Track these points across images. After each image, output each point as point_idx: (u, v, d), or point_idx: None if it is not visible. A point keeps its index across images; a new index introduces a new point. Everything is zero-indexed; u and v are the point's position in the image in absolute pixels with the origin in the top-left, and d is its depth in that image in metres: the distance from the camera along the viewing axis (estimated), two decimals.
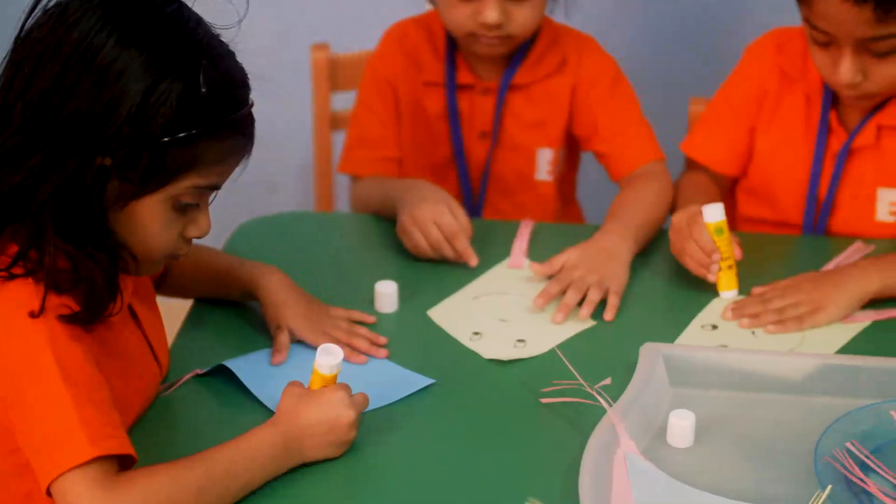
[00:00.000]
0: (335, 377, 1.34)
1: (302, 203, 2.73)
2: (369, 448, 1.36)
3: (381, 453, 1.36)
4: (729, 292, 1.63)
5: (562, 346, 1.54)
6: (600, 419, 1.35)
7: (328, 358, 1.33)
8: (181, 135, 1.21)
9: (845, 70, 1.65)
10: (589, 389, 1.39)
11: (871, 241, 1.78)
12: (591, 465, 1.27)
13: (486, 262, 1.74)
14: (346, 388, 1.35)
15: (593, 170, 2.05)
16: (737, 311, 1.59)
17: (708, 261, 1.60)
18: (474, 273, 1.72)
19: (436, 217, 1.70)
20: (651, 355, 1.45)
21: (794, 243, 1.86)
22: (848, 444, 1.31)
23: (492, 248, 1.77)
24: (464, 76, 1.94)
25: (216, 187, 1.31)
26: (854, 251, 1.76)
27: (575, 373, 1.42)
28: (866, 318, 1.59)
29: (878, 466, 1.28)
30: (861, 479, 1.25)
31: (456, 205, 1.74)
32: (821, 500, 1.22)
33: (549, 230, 1.85)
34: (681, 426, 1.34)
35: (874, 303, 1.60)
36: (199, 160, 1.25)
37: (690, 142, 1.91)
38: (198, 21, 1.27)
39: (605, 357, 1.51)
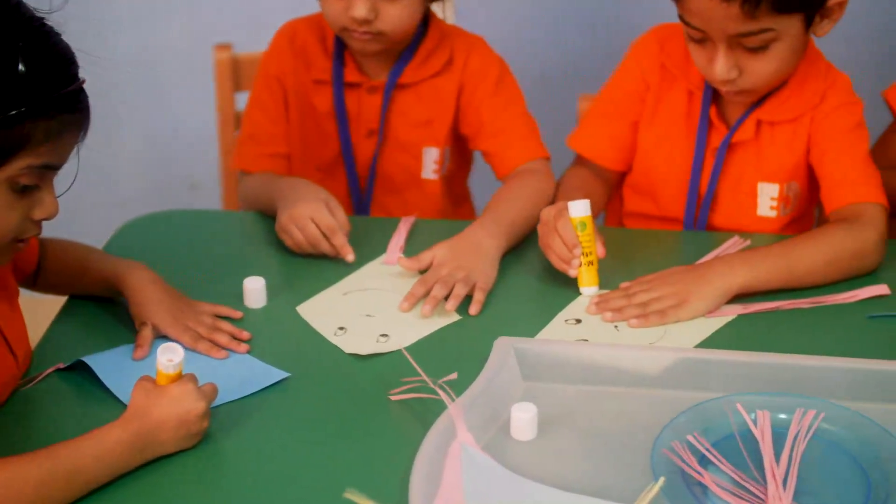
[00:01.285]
0: (179, 374, 1.32)
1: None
2: (222, 440, 1.34)
3: (232, 445, 1.34)
4: (589, 289, 1.61)
5: (425, 340, 1.53)
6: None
7: (169, 356, 1.31)
8: (4, 115, 1.20)
9: (720, 66, 1.63)
10: (432, 385, 1.37)
11: (751, 235, 1.76)
12: (425, 457, 1.24)
13: (366, 259, 1.72)
14: (194, 379, 1.33)
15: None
16: (601, 305, 1.57)
17: (570, 255, 1.58)
18: (350, 269, 1.70)
19: (313, 214, 1.69)
20: (503, 350, 1.43)
21: (676, 238, 1.83)
22: (689, 437, 1.29)
23: (373, 245, 1.75)
24: (351, 74, 1.92)
25: (54, 166, 1.29)
26: (731, 245, 1.73)
27: (418, 368, 1.40)
28: (732, 313, 1.56)
29: (718, 459, 1.26)
30: (697, 472, 1.24)
31: (335, 203, 1.73)
32: (653, 492, 1.20)
33: (433, 227, 1.82)
34: (522, 419, 1.32)
35: (741, 297, 1.58)
36: (30, 140, 1.23)
37: (576, 136, 1.89)
38: (17, 2, 1.25)
39: (466, 351, 1.48)
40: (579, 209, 1.59)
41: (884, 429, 1.28)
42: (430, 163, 1.96)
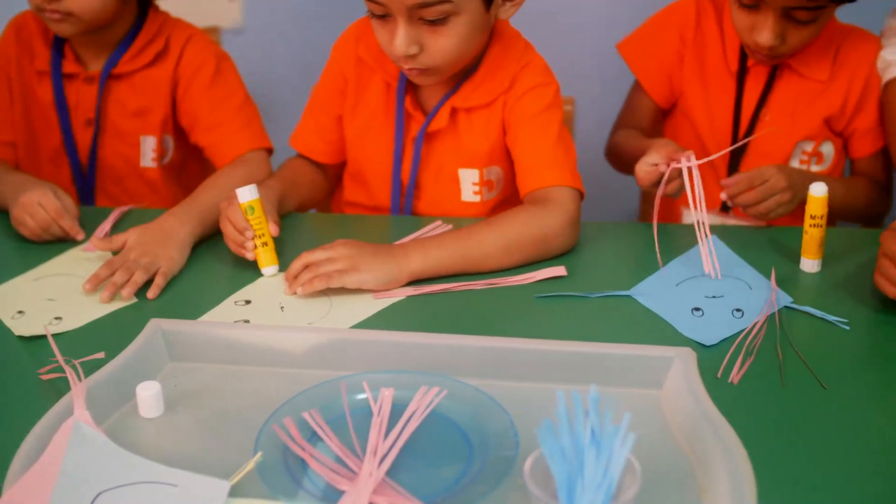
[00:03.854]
0: None
1: None
2: None
3: None
4: (269, 268, 1.61)
5: (99, 321, 1.52)
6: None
7: None
8: None
9: (399, 40, 1.60)
10: (63, 364, 1.34)
11: (458, 219, 1.76)
12: (35, 434, 1.19)
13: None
14: None
15: None
16: (288, 276, 1.56)
17: (243, 239, 1.58)
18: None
19: (41, 199, 1.71)
20: (151, 331, 1.40)
21: (385, 222, 1.82)
22: (304, 414, 1.28)
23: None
24: (69, 65, 1.90)
25: None
26: (431, 229, 1.74)
27: (55, 348, 1.37)
28: (401, 294, 1.55)
29: (328, 435, 1.26)
30: (301, 447, 1.23)
31: (60, 191, 1.74)
32: (248, 468, 1.19)
33: (148, 216, 1.80)
34: (145, 397, 1.29)
35: (421, 281, 1.58)
36: None
37: (294, 135, 1.89)
38: None
39: (136, 333, 1.47)
40: (245, 195, 1.59)
41: (500, 405, 1.27)
42: (149, 151, 1.95)
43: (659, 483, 1.19)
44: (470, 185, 1.78)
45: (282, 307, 1.52)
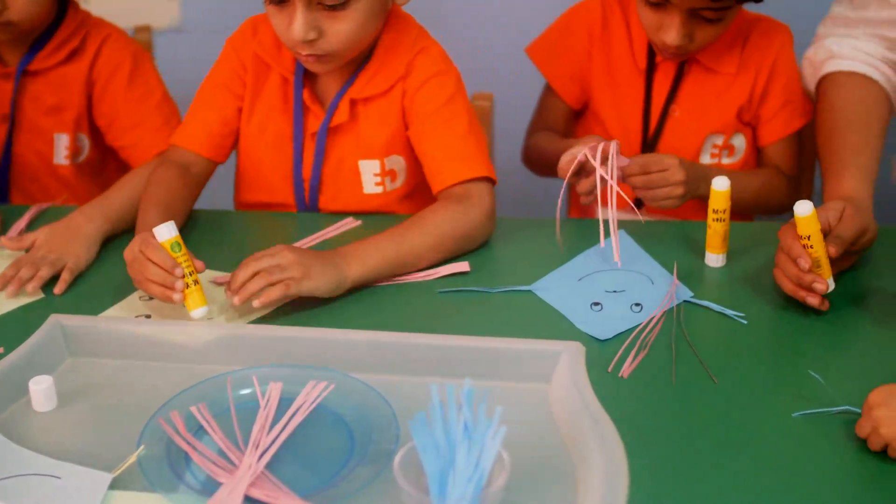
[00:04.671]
0: None
1: None
2: None
3: None
4: (200, 310, 1.45)
5: (5, 317, 1.53)
6: None
7: None
8: None
9: (297, 26, 1.57)
10: None
11: (361, 215, 1.77)
12: None
13: None
14: None
15: None
16: (234, 277, 1.47)
17: (172, 278, 1.44)
18: None
19: None
20: (51, 326, 1.41)
21: (290, 220, 1.82)
22: (192, 408, 1.29)
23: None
24: None
25: None
26: (342, 225, 1.75)
27: None
28: None
29: (213, 429, 1.27)
30: (186, 441, 1.24)
31: None
32: (130, 461, 1.20)
33: (65, 214, 1.80)
34: (37, 391, 1.30)
35: None
36: None
37: (177, 132, 1.81)
38: None
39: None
40: (164, 232, 1.45)
41: (385, 399, 1.29)
42: (62, 149, 1.95)
43: (539, 476, 1.20)
44: (371, 176, 1.78)
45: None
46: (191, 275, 1.45)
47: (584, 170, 1.67)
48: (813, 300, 1.45)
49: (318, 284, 1.48)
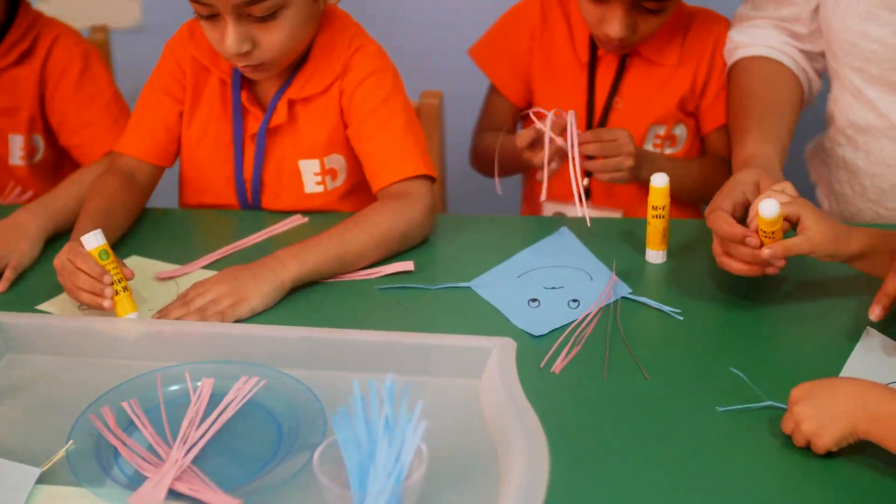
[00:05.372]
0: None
1: None
2: None
3: None
4: (131, 315, 1.48)
5: None
6: None
7: None
8: None
9: (230, 41, 1.59)
10: None
11: (305, 213, 1.79)
12: None
13: None
14: None
15: None
16: (162, 316, 1.49)
17: (101, 286, 1.46)
18: None
19: None
20: None
21: (234, 218, 1.82)
22: (123, 404, 1.31)
23: None
24: None
25: None
26: (288, 222, 1.76)
27: None
28: None
29: (143, 424, 1.28)
30: (115, 436, 1.25)
31: None
32: (58, 455, 1.21)
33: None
34: None
35: None
36: None
37: (120, 141, 1.81)
38: None
39: None
40: (92, 241, 1.47)
41: (314, 395, 1.30)
42: (17, 150, 1.96)
43: (465, 469, 1.21)
44: (312, 175, 1.79)
45: None
46: (119, 282, 1.47)
47: (539, 143, 1.70)
48: (773, 270, 1.45)
49: (253, 305, 1.50)
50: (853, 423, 1.18)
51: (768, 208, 1.40)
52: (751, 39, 1.85)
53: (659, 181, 1.58)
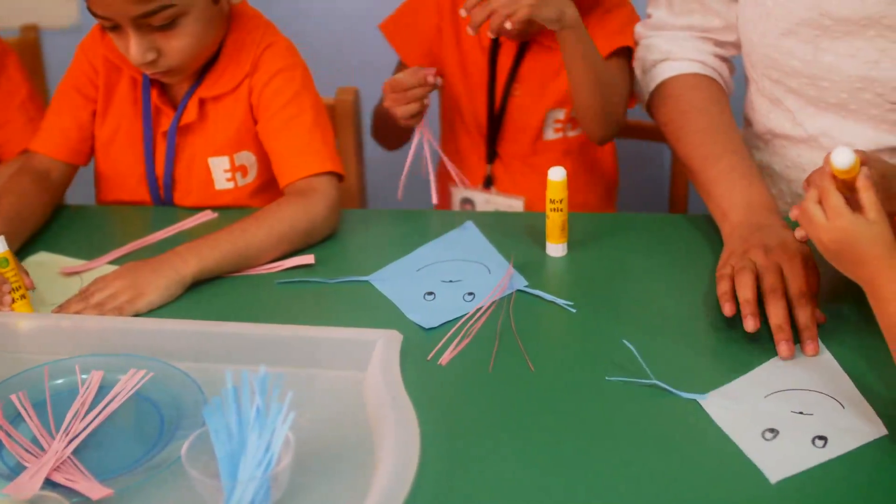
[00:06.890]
0: None
1: None
2: None
3: None
4: None
5: None
6: None
7: None
8: None
9: (133, 51, 1.62)
10: None
11: (216, 209, 1.81)
12: None
13: None
14: None
15: None
16: (61, 310, 1.51)
17: None
18: None
19: None
20: None
21: (147, 214, 1.84)
22: (12, 396, 1.33)
23: None
24: None
25: None
26: (198, 218, 1.78)
27: None
28: None
29: (29, 417, 1.31)
30: (2, 429, 1.27)
31: None
32: None
33: None
34: None
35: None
36: None
37: (36, 138, 1.83)
38: None
39: None
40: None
41: (199, 387, 1.32)
42: None
43: (341, 460, 1.24)
44: (222, 172, 1.81)
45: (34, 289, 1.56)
46: (18, 289, 1.50)
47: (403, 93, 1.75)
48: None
49: (152, 299, 1.53)
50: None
51: (841, 156, 1.25)
52: (680, 52, 1.83)
53: (556, 175, 1.61)
